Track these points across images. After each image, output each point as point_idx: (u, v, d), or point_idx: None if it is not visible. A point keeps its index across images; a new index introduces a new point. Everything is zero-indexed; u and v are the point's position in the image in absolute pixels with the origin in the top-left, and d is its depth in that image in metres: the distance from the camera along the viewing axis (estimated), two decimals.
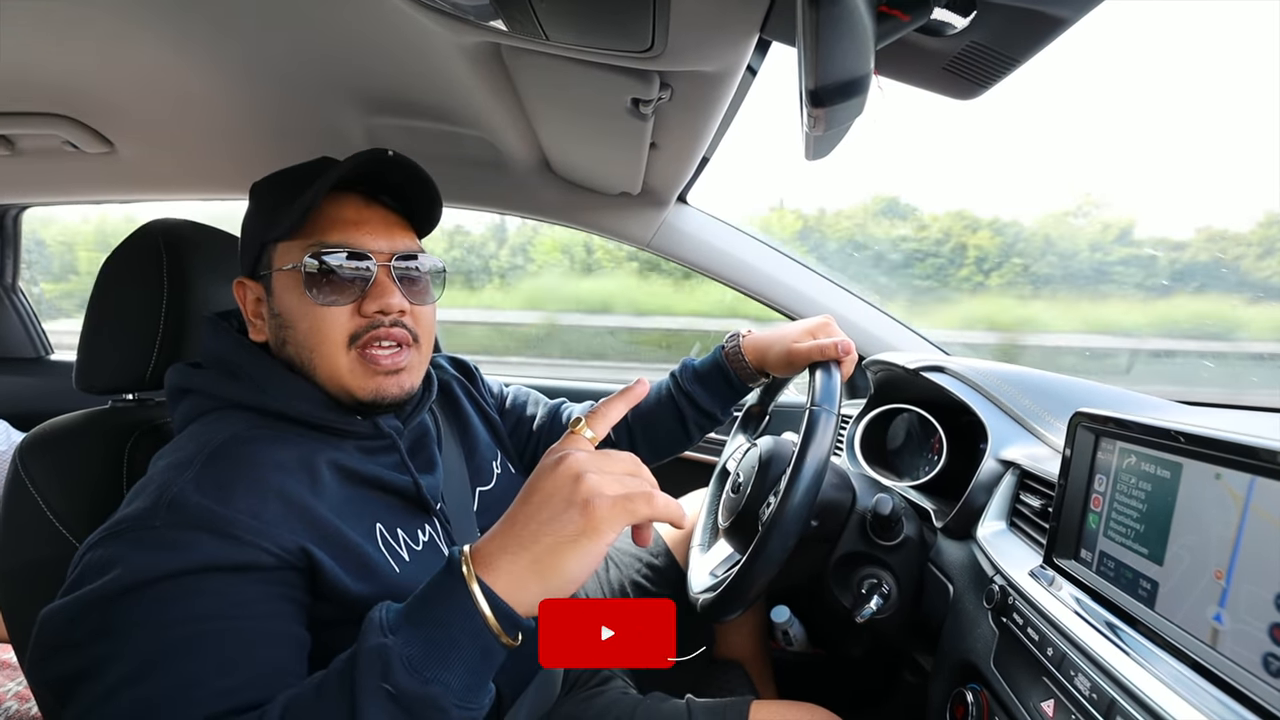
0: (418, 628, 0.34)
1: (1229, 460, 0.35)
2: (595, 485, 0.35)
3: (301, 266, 0.49)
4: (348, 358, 0.50)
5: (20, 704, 0.74)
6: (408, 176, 0.53)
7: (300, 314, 0.50)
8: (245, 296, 0.54)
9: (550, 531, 0.34)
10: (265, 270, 0.52)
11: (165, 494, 0.41)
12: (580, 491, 0.35)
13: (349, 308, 0.50)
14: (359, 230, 0.51)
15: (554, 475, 0.36)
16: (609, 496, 0.35)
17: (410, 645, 0.33)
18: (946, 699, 0.52)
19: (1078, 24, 0.39)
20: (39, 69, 0.72)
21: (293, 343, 0.51)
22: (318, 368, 0.51)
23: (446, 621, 0.34)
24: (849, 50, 0.35)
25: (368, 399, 0.51)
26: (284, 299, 0.51)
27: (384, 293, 0.50)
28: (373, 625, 0.34)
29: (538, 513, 0.35)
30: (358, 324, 0.50)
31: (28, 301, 1.39)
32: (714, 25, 0.49)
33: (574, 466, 0.36)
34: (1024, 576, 0.48)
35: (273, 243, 0.52)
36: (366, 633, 0.34)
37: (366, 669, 0.33)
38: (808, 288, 1.04)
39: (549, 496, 0.36)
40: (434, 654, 0.33)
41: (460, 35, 0.56)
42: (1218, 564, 0.34)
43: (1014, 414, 0.66)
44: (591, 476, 0.35)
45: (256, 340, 0.54)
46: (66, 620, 0.37)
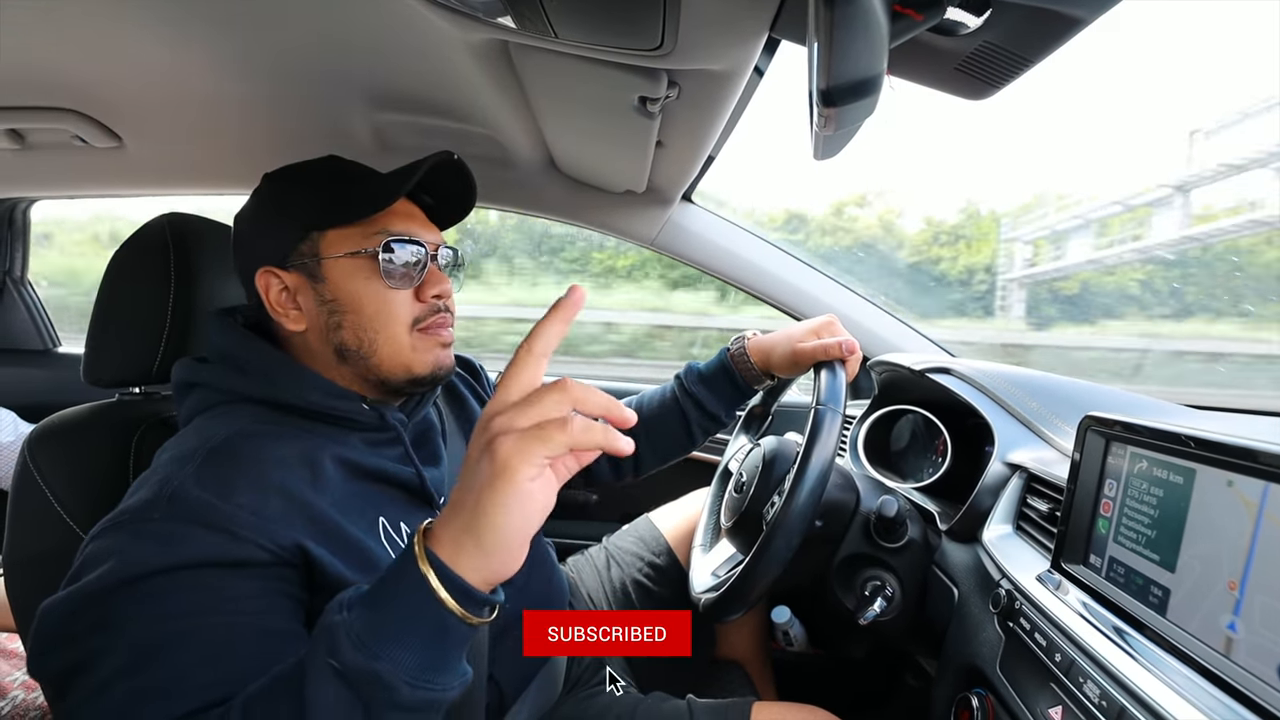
0: (373, 604, 0.33)
1: (1241, 466, 0.34)
2: (501, 424, 0.32)
3: (377, 253, 0.51)
4: (411, 338, 0.54)
5: (27, 693, 0.75)
6: (459, 180, 0.57)
7: (367, 298, 0.52)
8: (269, 286, 0.53)
9: (471, 488, 0.32)
10: (309, 258, 0.52)
11: (166, 487, 0.41)
12: (486, 437, 0.32)
13: (410, 293, 0.54)
14: (413, 223, 0.55)
15: (474, 433, 0.33)
16: (515, 430, 0.31)
17: (359, 620, 0.32)
18: (951, 704, 0.52)
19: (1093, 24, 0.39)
20: (48, 64, 0.72)
21: (351, 326, 0.52)
22: (380, 348, 0.53)
23: (399, 595, 0.32)
24: (863, 49, 0.35)
25: (427, 373, 0.54)
26: (344, 285, 0.52)
27: (439, 280, 0.55)
28: (333, 604, 0.34)
29: (464, 478, 0.33)
30: (419, 309, 0.54)
31: (36, 294, 1.40)
32: (724, 24, 0.48)
33: (484, 415, 0.33)
34: (1031, 581, 0.48)
35: (319, 230, 0.52)
36: (326, 611, 0.34)
37: (316, 646, 0.32)
38: (812, 287, 1.04)
39: (469, 456, 0.33)
40: (385, 629, 0.32)
41: (468, 32, 0.56)
42: (1231, 574, 0.34)
43: (1021, 416, 0.65)
44: (498, 419, 0.32)
45: (292, 329, 0.53)
46: (64, 614, 0.37)
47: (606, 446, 0.32)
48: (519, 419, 0.32)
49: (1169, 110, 1.89)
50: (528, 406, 0.32)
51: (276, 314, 0.53)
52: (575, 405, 0.32)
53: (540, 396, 0.32)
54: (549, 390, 0.32)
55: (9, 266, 1.35)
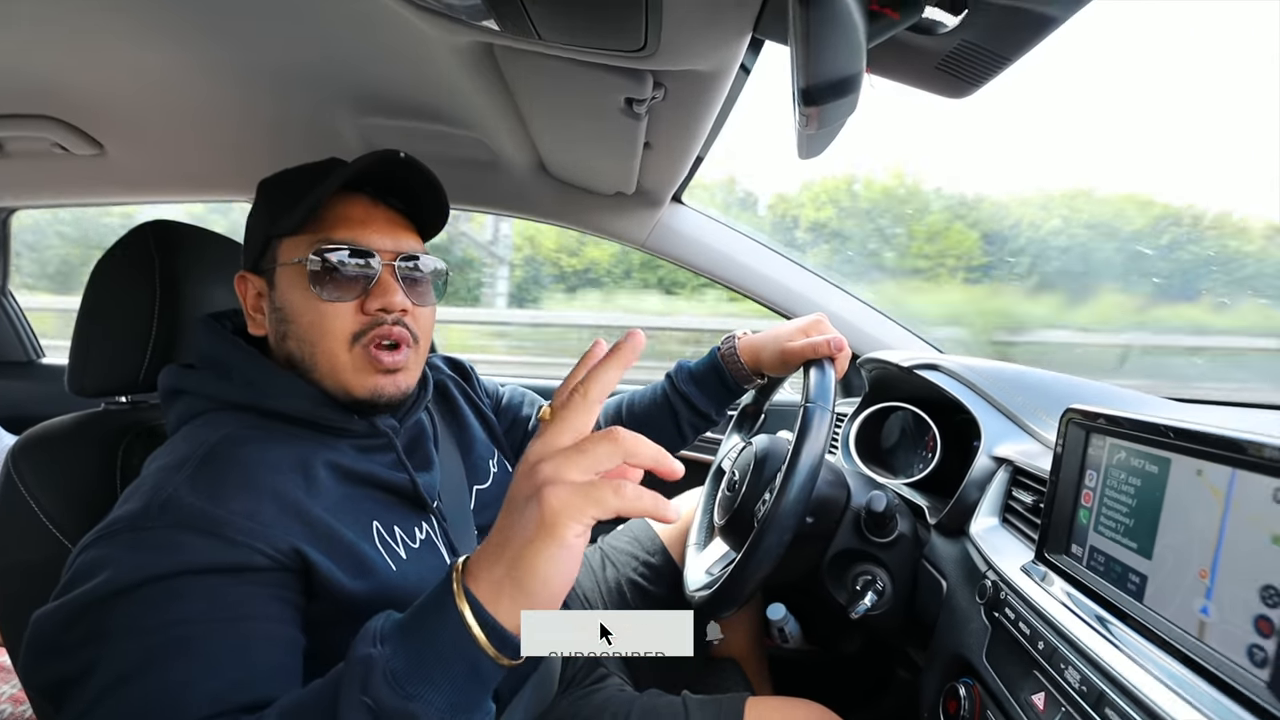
0: (408, 640, 0.32)
1: (1212, 454, 0.35)
2: (551, 473, 0.31)
3: (306, 262, 0.49)
4: (349, 355, 0.50)
5: (14, 707, 0.74)
6: (417, 179, 0.54)
7: (303, 309, 0.50)
8: (246, 290, 0.54)
9: (516, 534, 0.31)
10: (269, 265, 0.52)
11: (158, 495, 0.40)
12: (535, 482, 0.31)
13: (352, 305, 0.50)
14: (365, 229, 0.51)
15: (519, 472, 0.33)
16: (566, 484, 0.30)
17: (396, 658, 0.31)
18: (939, 693, 0.53)
19: (1068, 22, 0.39)
20: (27, 70, 0.71)
21: (294, 337, 0.51)
22: (318, 363, 0.51)
23: (435, 635, 0.32)
24: (841, 49, 0.35)
25: (365, 397, 0.51)
26: (287, 294, 0.51)
27: (386, 291, 0.50)
28: (366, 634, 0.33)
29: (506, 516, 0.33)
30: (361, 322, 0.50)
31: (18, 305, 1.38)
32: (707, 24, 0.49)
33: (531, 455, 0.32)
34: (1016, 572, 0.49)
35: (278, 238, 0.52)
36: (359, 640, 0.33)
37: (350, 679, 0.32)
38: (801, 286, 1.04)
39: (513, 497, 0.33)
40: (420, 669, 0.31)
41: (453, 35, 0.56)
42: (1202, 560, 0.35)
43: (1007, 411, 0.66)
44: (548, 465, 0.31)
45: (256, 334, 0.54)
46: (58, 624, 0.37)
47: (654, 515, 0.31)
48: (570, 470, 0.31)
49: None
50: (579, 455, 0.31)
51: (248, 317, 0.54)
52: (626, 458, 0.31)
53: (592, 446, 0.31)
54: (601, 440, 0.31)
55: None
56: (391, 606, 0.47)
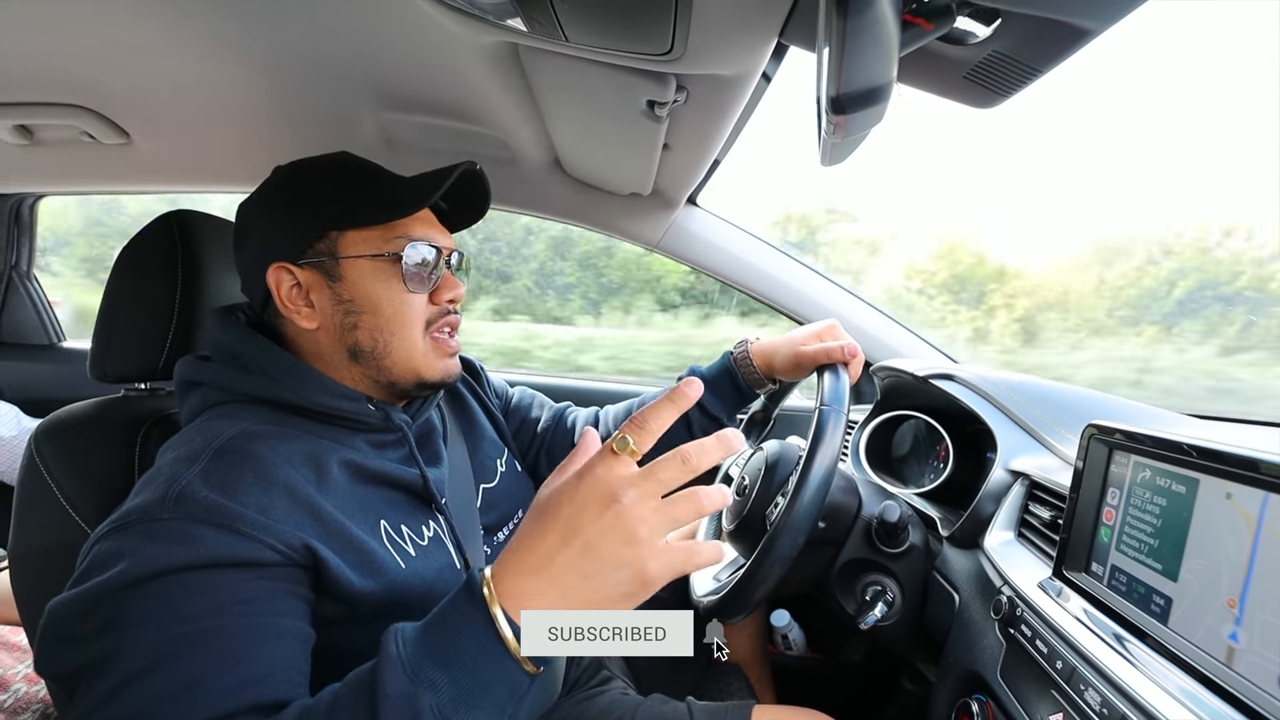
0: (446, 669, 0.32)
1: (1242, 476, 0.34)
2: (649, 538, 0.33)
3: (400, 255, 0.52)
4: (425, 342, 0.55)
5: (29, 686, 0.75)
6: (475, 187, 0.59)
7: (384, 299, 0.53)
8: (281, 282, 0.52)
9: (599, 589, 0.33)
10: (326, 256, 0.52)
11: (173, 487, 0.41)
12: (635, 549, 0.33)
13: (424, 296, 0.55)
14: (430, 227, 0.56)
15: (601, 519, 0.33)
16: (664, 558, 0.33)
17: (439, 692, 0.32)
18: (951, 709, 0.52)
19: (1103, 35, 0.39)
20: (58, 60, 0.73)
21: (367, 328, 0.53)
22: (393, 350, 0.54)
23: (476, 664, 0.32)
24: (874, 58, 0.35)
25: (437, 379, 0.56)
26: (361, 285, 0.52)
27: (453, 285, 0.56)
28: (391, 661, 0.32)
29: (580, 562, 0.33)
30: (432, 311, 0.55)
31: (41, 289, 1.41)
32: (734, 29, 0.49)
33: (626, 514, 0.33)
34: (1033, 588, 0.48)
35: (339, 230, 0.52)
36: (386, 670, 0.32)
37: (393, 715, 0.31)
38: (815, 292, 1.04)
39: (591, 546, 0.33)
40: (464, 699, 0.32)
41: (479, 34, 0.56)
42: (1231, 584, 0.34)
43: (1024, 424, 0.65)
44: (644, 528, 0.33)
45: (306, 326, 0.53)
46: (73, 613, 0.37)
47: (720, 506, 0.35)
48: (664, 526, 0.34)
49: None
50: (657, 482, 0.34)
51: (287, 310, 0.52)
52: (693, 472, 0.35)
53: (663, 470, 0.34)
54: (670, 462, 0.35)
55: (15, 261, 1.35)
56: (399, 605, 0.47)
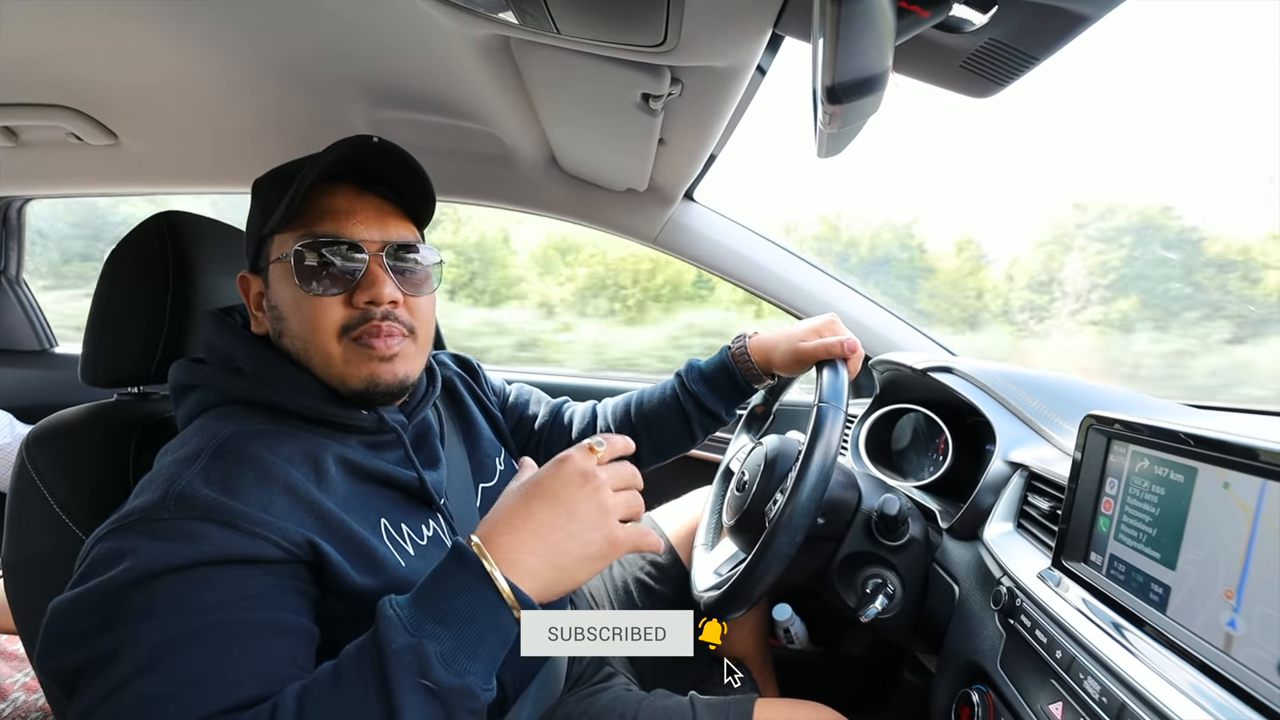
0: (445, 624, 0.36)
1: (1239, 464, 0.34)
2: (614, 511, 0.41)
3: (291, 257, 0.49)
4: (340, 347, 0.49)
5: (27, 695, 0.75)
6: (397, 165, 0.52)
7: (293, 305, 0.50)
8: (249, 290, 0.54)
9: (577, 546, 0.40)
10: (265, 263, 0.52)
11: (173, 487, 0.41)
12: (606, 518, 0.41)
13: (340, 298, 0.49)
14: (350, 220, 0.50)
15: (581, 491, 0.41)
16: (626, 531, 0.41)
17: (442, 641, 0.35)
18: (952, 700, 0.52)
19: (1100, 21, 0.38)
20: (43, 60, 0.71)
21: (288, 334, 0.51)
22: (313, 358, 0.50)
23: (473, 616, 0.36)
24: (868, 46, 0.34)
25: (361, 387, 0.50)
26: (279, 291, 0.51)
27: (374, 283, 0.49)
28: (392, 622, 0.35)
29: (564, 524, 0.40)
30: (349, 315, 0.49)
31: (31, 294, 1.39)
32: (728, 20, 0.48)
33: (601, 489, 0.42)
34: (1032, 578, 0.48)
35: (270, 236, 0.52)
36: (388, 630, 0.35)
37: (401, 666, 0.34)
38: (814, 286, 1.04)
39: (573, 510, 0.41)
40: (464, 648, 0.35)
41: (470, 28, 0.55)
42: (1229, 572, 0.34)
43: (1022, 415, 0.65)
44: (611, 502, 0.42)
45: (257, 332, 0.54)
46: (76, 612, 0.37)
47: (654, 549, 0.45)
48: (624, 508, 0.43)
49: None
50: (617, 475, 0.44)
51: (252, 316, 0.54)
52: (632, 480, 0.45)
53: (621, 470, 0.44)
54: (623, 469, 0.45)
55: (4, 266, 1.33)
56: None
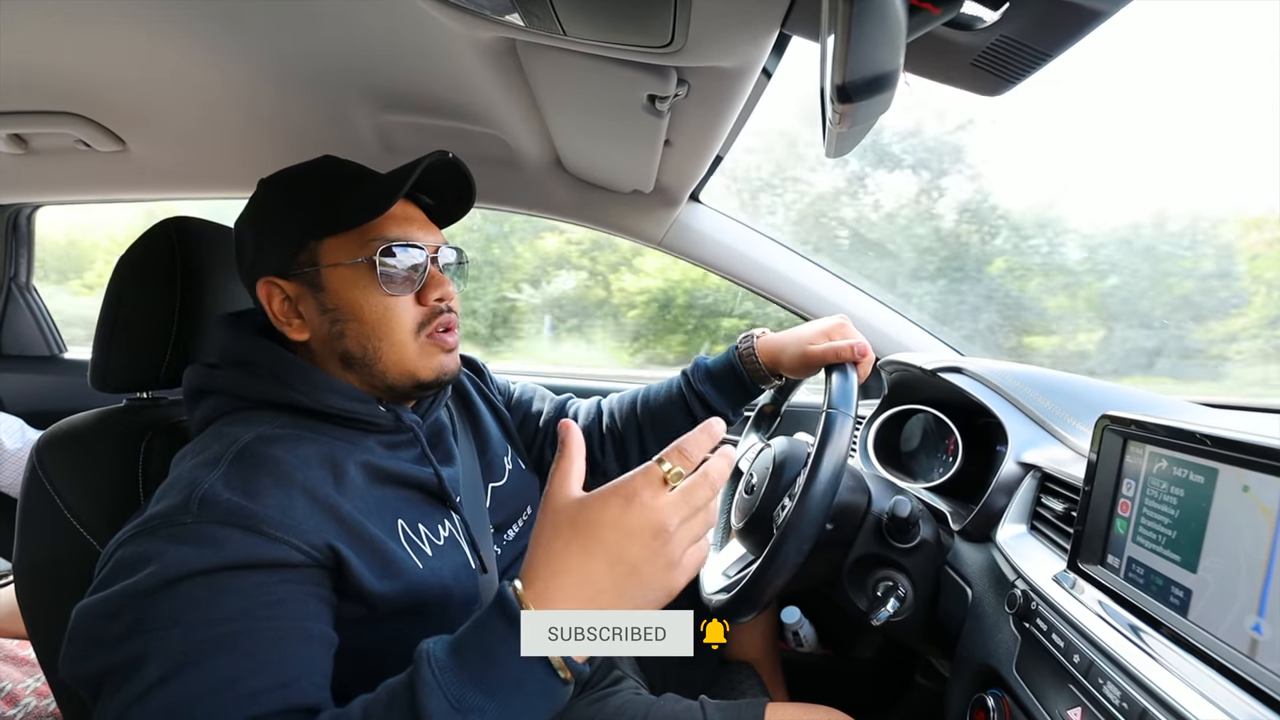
0: (490, 695, 0.33)
1: (1261, 465, 0.34)
2: (685, 560, 0.35)
3: (374, 260, 0.51)
4: (415, 344, 0.54)
5: (39, 700, 0.75)
6: (456, 177, 0.56)
7: (368, 306, 0.52)
8: (272, 296, 0.53)
9: (639, 593, 0.35)
10: (309, 267, 0.52)
11: (195, 492, 0.41)
12: (671, 573, 0.35)
13: (411, 298, 0.53)
14: (410, 226, 0.54)
15: (650, 546, 0.35)
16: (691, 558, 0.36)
17: (486, 715, 0.32)
18: (966, 704, 0.52)
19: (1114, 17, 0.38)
20: (51, 67, 0.72)
21: (354, 335, 0.52)
22: (384, 356, 0.52)
23: (519, 685, 0.33)
24: (880, 45, 0.34)
25: (432, 378, 0.54)
26: (345, 293, 0.52)
27: (440, 283, 0.55)
28: (430, 688, 0.32)
29: (624, 586, 0.35)
30: (421, 313, 0.54)
31: (41, 300, 1.40)
32: (735, 19, 0.48)
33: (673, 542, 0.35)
34: (1047, 581, 0.48)
35: (315, 240, 0.52)
36: (427, 697, 0.32)
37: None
38: (822, 287, 1.03)
39: (636, 571, 0.35)
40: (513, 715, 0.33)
41: (475, 31, 0.55)
42: (1252, 575, 0.33)
43: (1034, 416, 0.65)
44: (681, 551, 0.35)
45: (297, 339, 0.53)
46: (100, 616, 0.37)
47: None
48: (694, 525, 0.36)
49: None
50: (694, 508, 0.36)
51: (279, 324, 0.53)
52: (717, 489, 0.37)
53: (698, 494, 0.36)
54: (701, 487, 0.36)
55: (14, 272, 1.35)
56: (416, 605, 0.47)
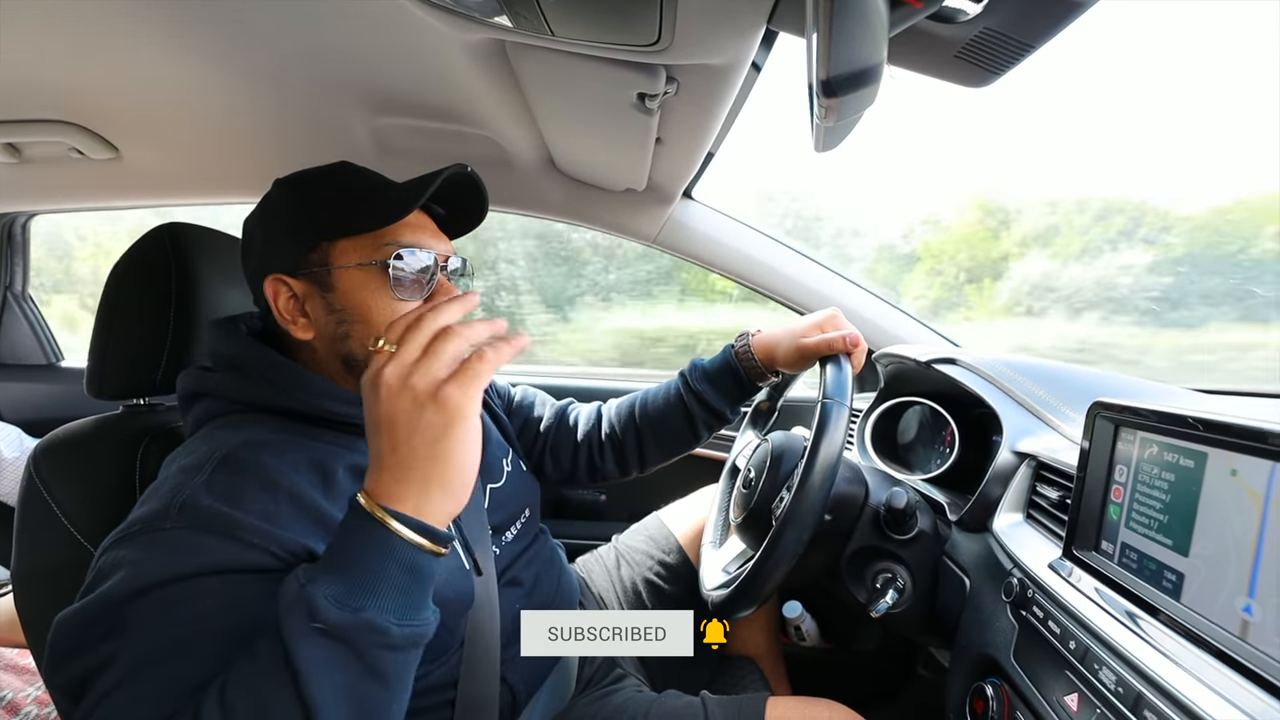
0: (336, 570, 0.35)
1: (1249, 448, 0.34)
2: (426, 377, 0.36)
3: (388, 264, 0.51)
4: None
5: (40, 708, 0.75)
6: (469, 190, 0.57)
7: (376, 308, 0.52)
8: (278, 294, 0.53)
9: (422, 442, 0.35)
10: (319, 266, 0.52)
11: (177, 497, 0.41)
12: (416, 392, 0.35)
13: (418, 304, 0.53)
14: (423, 233, 0.55)
15: (384, 398, 0.36)
16: (448, 381, 0.36)
17: (331, 585, 0.34)
18: (965, 693, 0.52)
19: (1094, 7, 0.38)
20: (43, 76, 0.72)
21: (360, 336, 0.52)
22: None
23: (363, 555, 0.35)
24: (863, 39, 0.34)
25: None
26: (354, 294, 0.52)
27: (448, 291, 0.55)
28: (288, 582, 0.35)
29: (399, 432, 0.36)
30: None
31: (37, 309, 1.40)
32: (722, 17, 0.48)
33: (392, 378, 0.36)
34: (1043, 569, 0.48)
35: (329, 241, 0.52)
36: (282, 592, 0.35)
37: (290, 617, 0.33)
38: (814, 281, 1.04)
39: (393, 414, 0.36)
40: (357, 586, 0.34)
41: (465, 32, 0.55)
42: (1242, 557, 0.34)
43: (1028, 405, 0.65)
44: (415, 377, 0.36)
45: (301, 338, 0.53)
46: (78, 624, 0.37)
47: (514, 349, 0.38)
48: (438, 365, 0.36)
49: None
50: (443, 353, 0.36)
51: (284, 321, 0.53)
52: (470, 341, 0.37)
53: (443, 344, 0.36)
54: (446, 337, 0.37)
55: (10, 281, 1.35)
56: None
